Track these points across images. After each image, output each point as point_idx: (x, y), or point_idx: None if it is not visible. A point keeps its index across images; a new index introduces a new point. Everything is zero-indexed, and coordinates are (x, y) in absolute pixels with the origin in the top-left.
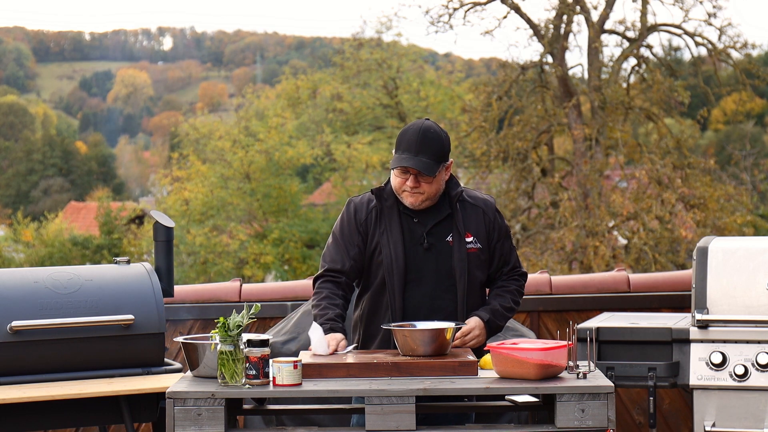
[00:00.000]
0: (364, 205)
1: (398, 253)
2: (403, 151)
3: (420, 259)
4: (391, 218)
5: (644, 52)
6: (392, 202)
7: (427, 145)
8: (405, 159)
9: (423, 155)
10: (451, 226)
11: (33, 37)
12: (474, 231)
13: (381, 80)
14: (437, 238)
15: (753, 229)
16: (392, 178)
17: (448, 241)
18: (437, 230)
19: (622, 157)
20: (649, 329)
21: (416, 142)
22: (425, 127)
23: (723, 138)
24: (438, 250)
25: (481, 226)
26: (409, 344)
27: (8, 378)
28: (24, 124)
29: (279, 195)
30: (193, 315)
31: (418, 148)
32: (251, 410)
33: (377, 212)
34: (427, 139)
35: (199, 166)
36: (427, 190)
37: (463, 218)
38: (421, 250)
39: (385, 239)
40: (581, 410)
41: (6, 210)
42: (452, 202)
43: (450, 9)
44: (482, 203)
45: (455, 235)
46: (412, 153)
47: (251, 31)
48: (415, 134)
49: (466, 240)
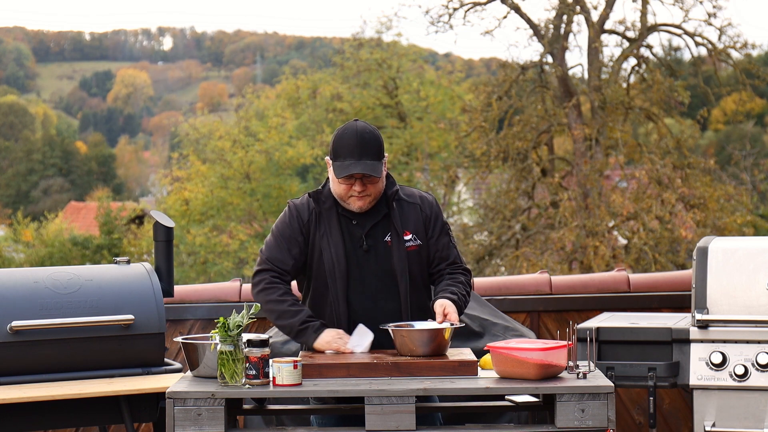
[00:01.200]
0: (305, 207)
1: (339, 257)
2: (345, 158)
3: (361, 262)
4: (330, 221)
5: (644, 52)
6: (330, 205)
7: (368, 146)
8: (351, 165)
9: (366, 157)
10: (388, 226)
11: (33, 37)
12: (412, 228)
13: (381, 80)
14: (376, 239)
15: (753, 229)
16: (335, 185)
17: (386, 241)
18: (375, 231)
19: (622, 157)
20: (649, 329)
21: (357, 145)
22: (361, 129)
23: (723, 138)
24: (377, 251)
25: (419, 223)
26: (408, 344)
27: (8, 378)
28: (24, 124)
29: (279, 195)
30: (192, 315)
31: (361, 152)
32: (251, 410)
33: (316, 215)
34: (366, 140)
35: (199, 166)
36: (373, 191)
37: (400, 216)
38: (361, 252)
39: (326, 242)
40: (581, 410)
41: (6, 210)
42: (389, 201)
43: (450, 9)
44: (418, 199)
45: (393, 234)
46: (355, 158)
47: (251, 31)
48: (353, 138)
49: (405, 238)
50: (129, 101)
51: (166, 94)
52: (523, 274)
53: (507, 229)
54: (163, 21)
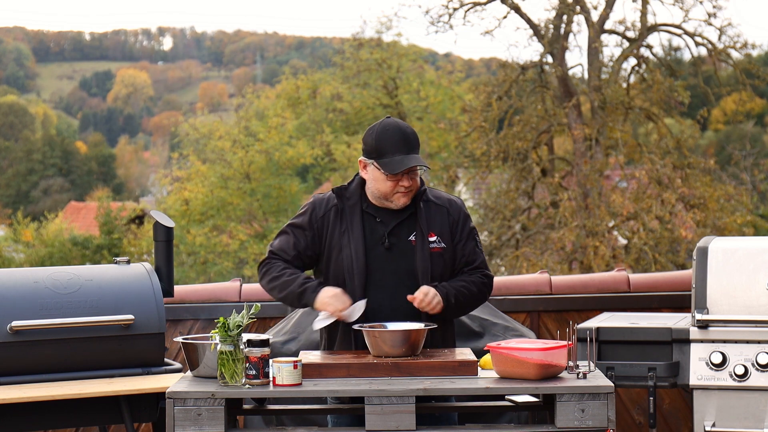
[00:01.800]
0: (324, 203)
1: (359, 254)
2: (393, 153)
3: (381, 260)
4: (352, 218)
5: (644, 52)
6: (355, 202)
7: (412, 140)
8: (405, 160)
9: (413, 151)
10: (413, 225)
11: (33, 37)
12: (437, 230)
13: (381, 80)
14: (399, 237)
15: (753, 229)
16: (378, 184)
17: (410, 240)
18: (399, 230)
19: (622, 157)
20: (649, 329)
21: (403, 140)
22: (402, 124)
23: (723, 138)
24: (399, 249)
25: (445, 226)
26: (380, 345)
27: (8, 378)
28: (24, 124)
29: (279, 195)
30: (193, 315)
31: (408, 146)
32: (251, 410)
33: (337, 211)
34: (409, 134)
35: (199, 166)
36: (415, 186)
37: (426, 217)
38: (382, 249)
39: (346, 239)
40: (581, 410)
41: (6, 210)
42: (416, 200)
43: (450, 9)
44: (447, 203)
45: (418, 234)
46: (404, 152)
47: (251, 31)
48: (398, 134)
49: (429, 239)
50: (129, 101)
51: (166, 94)
52: (523, 274)
53: (507, 229)
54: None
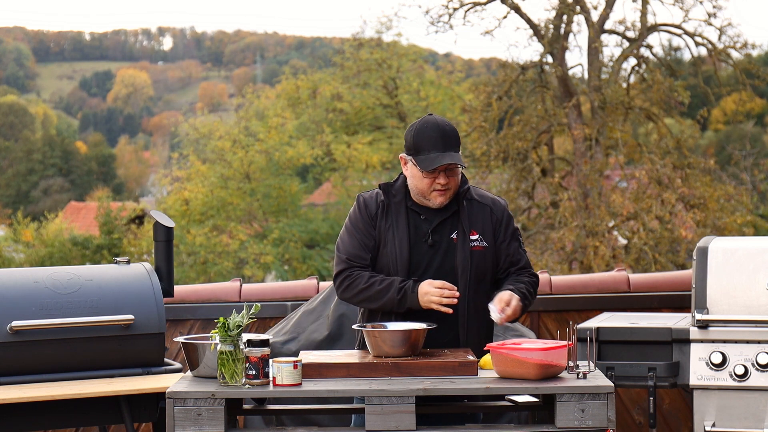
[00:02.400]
0: (374, 200)
1: (403, 250)
2: (430, 151)
3: (424, 256)
4: (398, 214)
5: (644, 52)
6: (400, 199)
7: (450, 137)
8: (439, 157)
9: (451, 149)
10: (456, 224)
11: (33, 37)
12: (480, 229)
13: (381, 80)
14: (442, 235)
15: (753, 229)
16: (416, 181)
17: (452, 238)
18: (442, 227)
19: (622, 157)
20: (649, 329)
21: (440, 138)
22: (441, 121)
23: (723, 138)
24: (442, 247)
25: (488, 225)
26: (380, 345)
27: (8, 378)
28: (24, 124)
29: (279, 195)
30: (193, 315)
31: (445, 144)
32: (251, 410)
33: (384, 207)
34: (447, 132)
35: (199, 166)
36: (453, 185)
37: (469, 215)
38: (426, 247)
39: (391, 235)
40: (581, 410)
41: (6, 210)
42: (459, 198)
43: (450, 9)
44: (490, 202)
45: (460, 232)
46: (440, 150)
47: (251, 31)
48: (436, 131)
49: (471, 238)
50: (129, 101)
51: (166, 94)
52: None
53: None
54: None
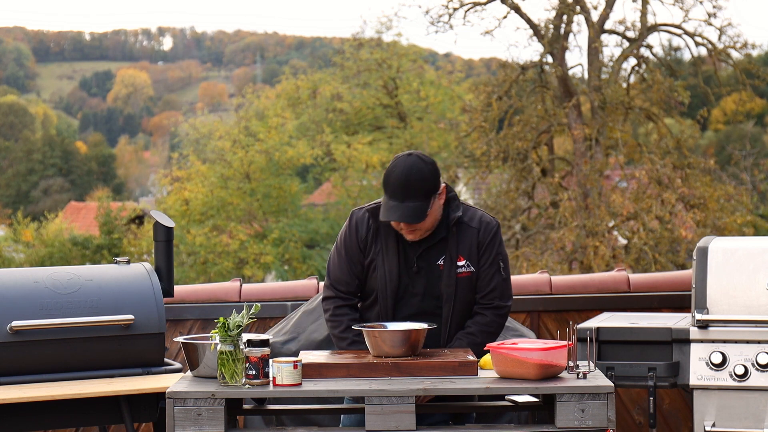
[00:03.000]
0: (365, 221)
1: (392, 277)
2: (390, 197)
3: (410, 282)
4: (387, 238)
5: (644, 52)
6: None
7: (413, 188)
8: (391, 210)
9: (410, 200)
10: (444, 249)
11: (33, 37)
12: (466, 254)
13: (381, 80)
14: (429, 261)
15: (753, 229)
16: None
17: (438, 264)
18: (429, 253)
19: (622, 157)
20: (649, 329)
21: (401, 187)
22: (408, 168)
23: (723, 138)
24: (427, 272)
25: (473, 248)
26: (380, 345)
27: (8, 378)
28: (24, 124)
29: (279, 195)
30: (193, 315)
31: (404, 194)
32: (251, 410)
33: (374, 231)
34: (411, 182)
35: (199, 166)
36: (422, 226)
37: (457, 241)
38: (412, 272)
39: (381, 259)
40: (581, 410)
41: (6, 210)
42: (449, 225)
43: (450, 9)
44: (478, 224)
45: (447, 258)
46: (398, 200)
47: (251, 31)
48: (399, 179)
49: (458, 264)
50: (129, 101)
51: (166, 94)
52: (523, 274)
53: (507, 229)
54: (163, 21)
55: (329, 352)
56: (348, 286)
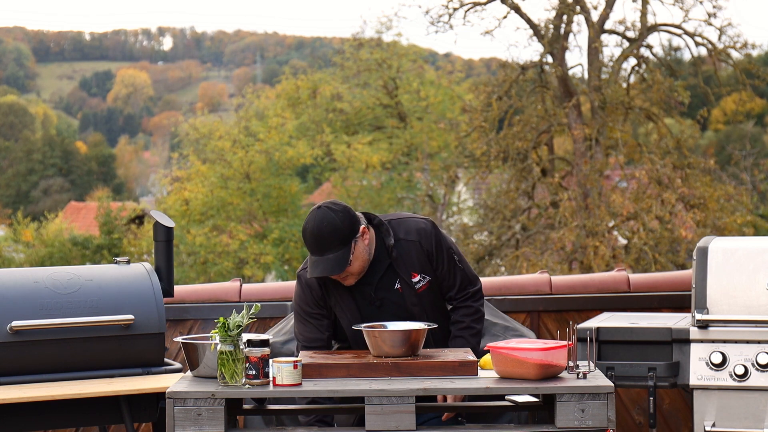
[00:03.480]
0: (314, 280)
1: (355, 321)
2: (311, 254)
3: (377, 318)
4: (337, 287)
5: (644, 52)
6: None
7: (326, 240)
8: (314, 264)
9: (328, 252)
10: (395, 274)
11: (33, 37)
12: (419, 268)
13: (381, 80)
14: (387, 290)
15: (753, 229)
16: None
17: (397, 289)
18: (383, 282)
19: (622, 157)
20: (649, 329)
21: (315, 242)
22: (319, 222)
23: (723, 138)
24: (391, 302)
25: (423, 259)
26: (380, 345)
27: (8, 378)
28: (24, 124)
29: (279, 195)
30: (193, 315)
31: (320, 248)
32: (251, 410)
33: (325, 287)
34: (324, 235)
35: (199, 166)
36: (352, 270)
37: (404, 261)
38: (375, 309)
39: (340, 310)
40: (581, 410)
41: (6, 210)
42: (389, 251)
43: (450, 9)
44: (416, 235)
45: (401, 281)
46: (318, 254)
47: (251, 31)
48: (312, 235)
49: (414, 281)
50: (129, 101)
51: (166, 94)
52: (523, 274)
53: (507, 229)
54: (163, 21)
55: (329, 352)
56: (320, 342)
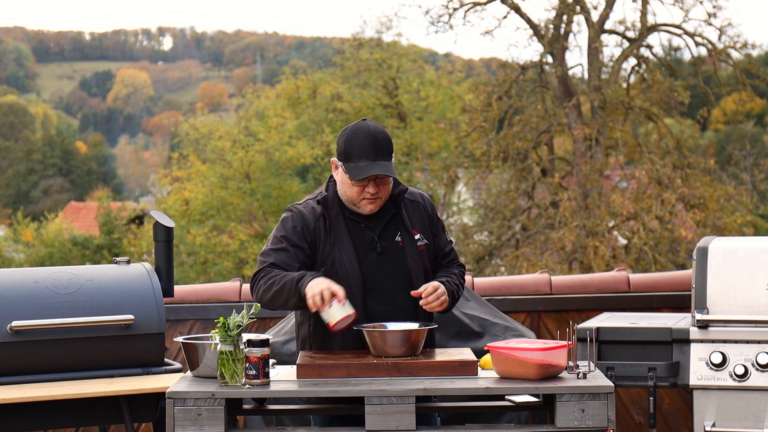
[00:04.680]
0: (312, 214)
1: (353, 264)
2: (360, 159)
3: (374, 265)
4: (338, 227)
5: (644, 52)
6: (337, 210)
7: (382, 146)
8: (369, 167)
9: (381, 158)
10: (398, 226)
11: (33, 37)
12: (420, 227)
13: (381, 80)
14: (387, 240)
15: (753, 229)
16: (345, 188)
17: (397, 241)
18: (386, 232)
19: (622, 157)
20: (649, 329)
21: (371, 146)
22: (373, 129)
23: (723, 138)
24: (391, 252)
25: (425, 221)
26: (380, 345)
27: (8, 378)
28: (24, 124)
29: (279, 195)
30: (193, 315)
31: (376, 152)
32: (251, 410)
33: (325, 222)
34: (380, 141)
35: (199, 166)
36: (384, 193)
37: (408, 216)
38: (374, 255)
39: (337, 251)
40: (581, 410)
41: (6, 210)
42: (396, 201)
43: (450, 9)
44: (419, 197)
45: (404, 234)
46: (370, 159)
47: (251, 31)
48: (367, 138)
49: (416, 237)
50: (129, 101)
51: (166, 94)
52: (523, 274)
53: (507, 229)
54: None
55: (329, 352)
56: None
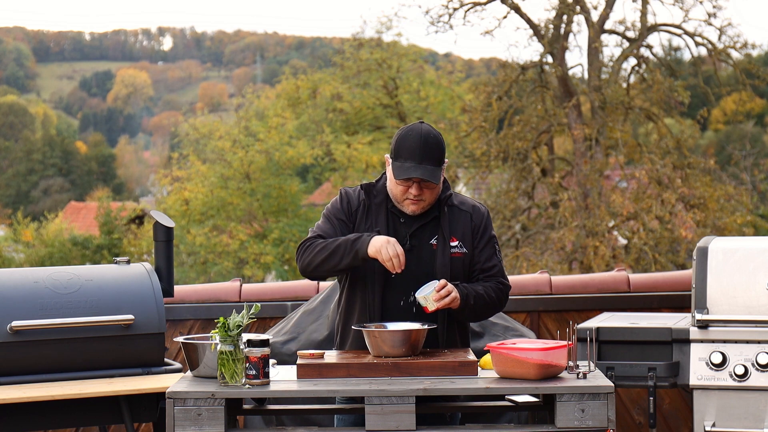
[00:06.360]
0: (356, 196)
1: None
2: (406, 159)
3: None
4: (378, 215)
5: (644, 52)
6: (381, 200)
7: (430, 150)
8: (411, 169)
9: (427, 162)
10: (436, 229)
11: (33, 37)
12: (459, 235)
13: (381, 80)
14: (420, 240)
15: (753, 229)
16: (392, 185)
17: (431, 243)
18: (422, 232)
19: (622, 157)
20: (649, 329)
21: (419, 149)
22: (425, 132)
23: (723, 138)
24: (420, 252)
25: (467, 231)
26: (380, 345)
27: (8, 378)
28: (24, 124)
29: (279, 195)
30: (193, 315)
31: (422, 156)
32: (251, 410)
33: (365, 207)
34: (429, 145)
35: (199, 166)
36: (428, 197)
37: (449, 222)
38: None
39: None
40: (581, 410)
41: (6, 210)
42: (440, 205)
43: (450, 9)
44: (471, 209)
45: (440, 238)
46: (416, 161)
47: (251, 31)
48: (417, 141)
49: (451, 244)
50: (129, 101)
51: (166, 94)
52: (523, 274)
53: (507, 229)
54: (163, 21)
55: (329, 352)
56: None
